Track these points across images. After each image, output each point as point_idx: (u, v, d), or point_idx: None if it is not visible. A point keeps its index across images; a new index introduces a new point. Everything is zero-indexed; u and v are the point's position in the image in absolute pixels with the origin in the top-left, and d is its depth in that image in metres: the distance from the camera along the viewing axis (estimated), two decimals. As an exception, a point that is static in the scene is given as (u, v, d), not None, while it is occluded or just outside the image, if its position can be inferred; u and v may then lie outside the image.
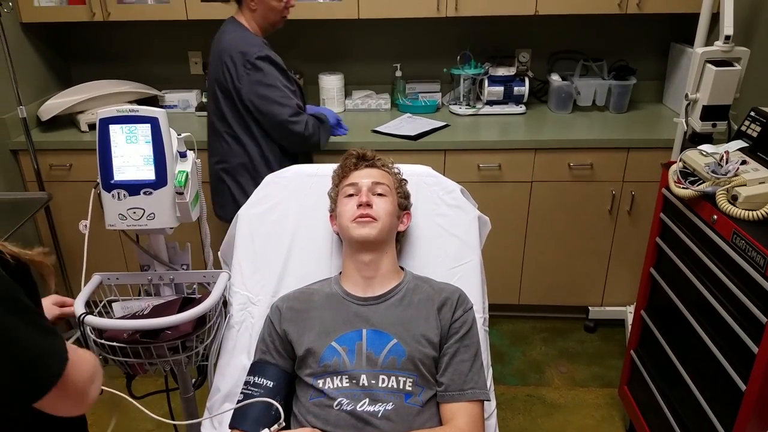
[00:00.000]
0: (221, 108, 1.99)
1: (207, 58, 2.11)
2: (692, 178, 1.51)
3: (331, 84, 2.62)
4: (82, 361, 0.85)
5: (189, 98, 2.72)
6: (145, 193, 1.22)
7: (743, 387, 1.31)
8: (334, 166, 1.46)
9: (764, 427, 1.27)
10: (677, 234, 1.60)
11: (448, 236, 1.47)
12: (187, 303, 1.28)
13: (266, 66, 1.91)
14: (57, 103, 2.44)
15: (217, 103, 2.00)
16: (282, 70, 1.96)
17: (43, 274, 0.91)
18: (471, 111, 2.58)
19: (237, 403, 1.21)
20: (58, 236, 2.48)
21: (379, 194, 1.33)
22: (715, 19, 1.83)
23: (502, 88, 2.55)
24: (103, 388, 0.93)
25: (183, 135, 1.26)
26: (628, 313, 2.44)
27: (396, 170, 1.43)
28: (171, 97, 2.72)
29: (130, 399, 1.20)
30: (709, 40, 1.78)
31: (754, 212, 1.31)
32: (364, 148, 1.42)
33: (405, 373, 1.19)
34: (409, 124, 2.47)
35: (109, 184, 1.22)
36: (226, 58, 1.93)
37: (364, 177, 1.35)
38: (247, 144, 2.00)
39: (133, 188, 1.21)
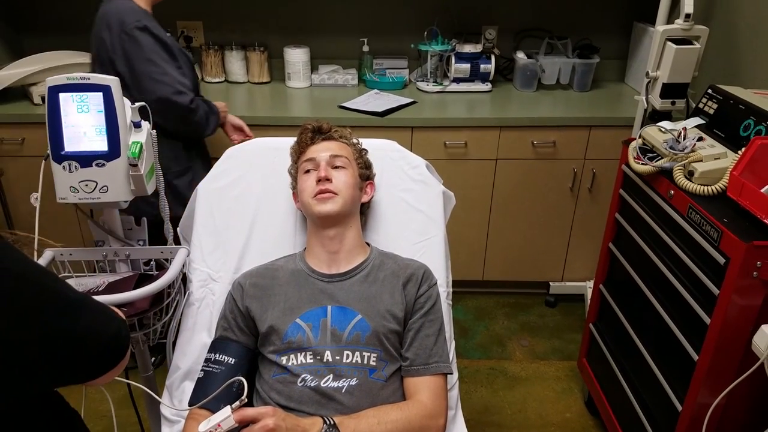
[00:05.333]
0: None
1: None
2: (651, 155, 1.54)
3: (296, 58, 2.57)
4: None
5: (148, 71, 2.62)
6: (97, 164, 1.17)
7: (696, 357, 1.36)
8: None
9: (715, 395, 1.32)
10: (635, 209, 1.63)
11: (413, 211, 1.46)
12: (144, 280, 1.25)
13: (144, 38, 1.76)
14: (8, 75, 2.32)
15: None
16: (164, 45, 1.80)
17: None
18: (438, 88, 2.57)
19: (197, 380, 1.19)
20: (10, 213, 2.38)
21: (339, 167, 1.31)
22: (677, -3, 1.85)
23: (468, 66, 2.54)
24: None
25: (137, 104, 1.21)
26: (588, 287, 2.51)
27: (355, 140, 1.41)
28: (129, 69, 2.61)
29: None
30: (671, 19, 1.81)
31: (709, 187, 1.34)
32: (319, 121, 1.38)
33: (369, 348, 1.19)
34: (376, 101, 2.44)
35: (60, 156, 1.16)
36: (104, 26, 1.79)
37: (321, 151, 1.33)
38: None
39: (85, 160, 1.16)
